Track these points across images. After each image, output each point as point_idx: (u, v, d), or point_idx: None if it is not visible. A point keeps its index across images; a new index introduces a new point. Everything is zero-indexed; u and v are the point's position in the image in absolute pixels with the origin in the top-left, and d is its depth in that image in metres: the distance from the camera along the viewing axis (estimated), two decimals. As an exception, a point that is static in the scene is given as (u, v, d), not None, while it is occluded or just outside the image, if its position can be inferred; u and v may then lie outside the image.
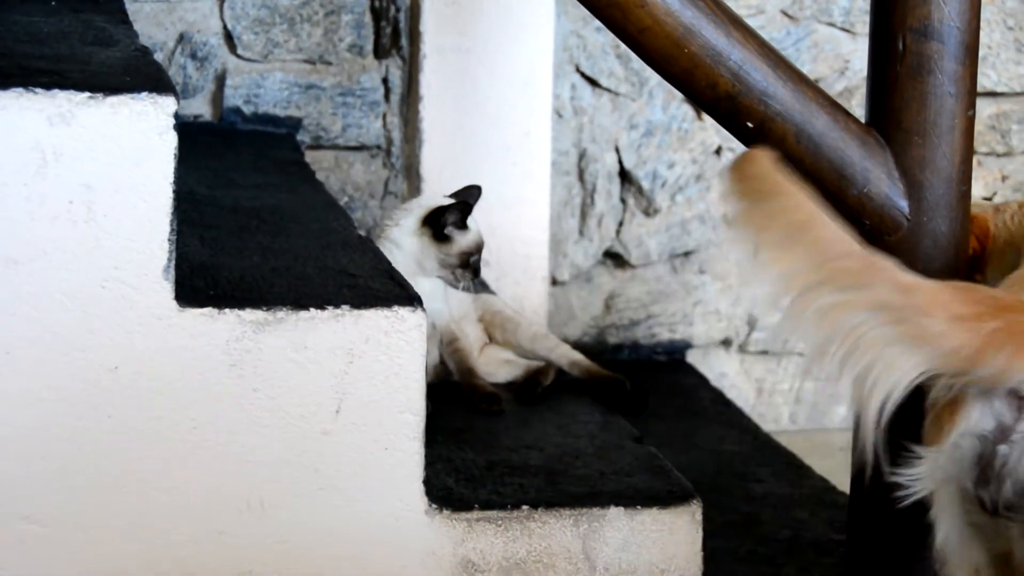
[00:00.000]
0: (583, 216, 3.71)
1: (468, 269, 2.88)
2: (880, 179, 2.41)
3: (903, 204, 2.42)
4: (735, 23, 2.37)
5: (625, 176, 3.71)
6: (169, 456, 2.32)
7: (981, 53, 3.63)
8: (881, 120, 2.43)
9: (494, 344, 3.04)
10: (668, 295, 3.72)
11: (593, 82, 3.65)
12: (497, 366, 2.99)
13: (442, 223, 2.84)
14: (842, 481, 2.82)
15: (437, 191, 3.28)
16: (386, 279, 2.49)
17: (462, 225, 2.87)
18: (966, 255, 2.47)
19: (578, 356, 3.02)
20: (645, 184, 3.71)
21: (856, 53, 3.72)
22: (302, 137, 3.54)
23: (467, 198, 2.95)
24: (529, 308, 3.48)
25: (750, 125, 2.39)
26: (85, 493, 2.31)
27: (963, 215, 2.45)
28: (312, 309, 2.34)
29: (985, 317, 2.03)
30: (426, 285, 2.84)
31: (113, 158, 2.25)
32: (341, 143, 3.58)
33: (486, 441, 2.66)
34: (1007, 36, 3.79)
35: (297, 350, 2.33)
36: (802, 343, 2.11)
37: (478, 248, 2.90)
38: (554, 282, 3.67)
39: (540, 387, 2.92)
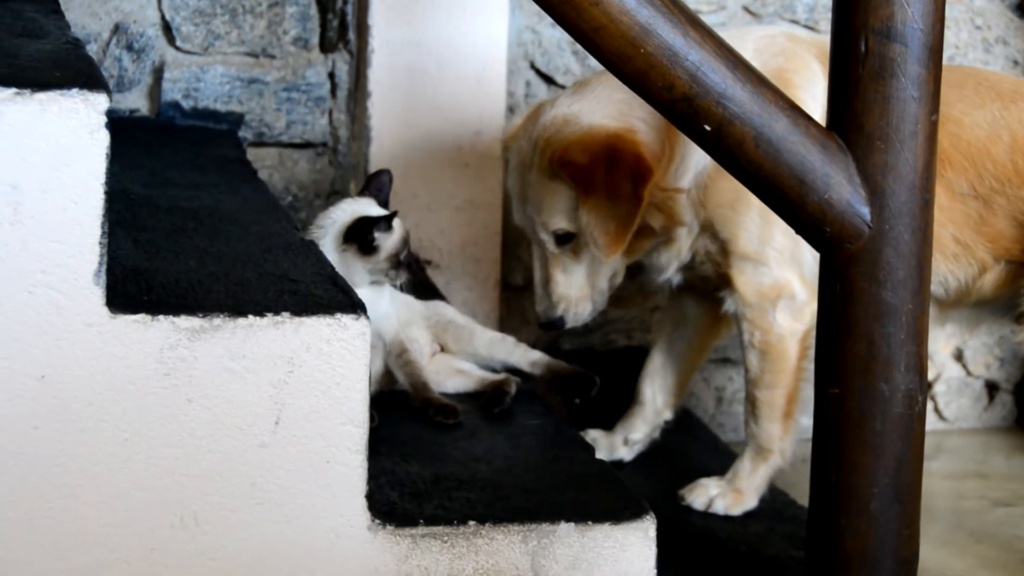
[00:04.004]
0: (538, 217, 3.65)
1: (401, 267, 2.80)
2: (841, 185, 2.39)
3: (865, 211, 2.39)
4: (692, 22, 2.35)
5: (581, 176, 3.66)
6: (98, 470, 2.28)
7: (948, 53, 3.63)
8: (842, 124, 2.40)
9: (445, 352, 2.97)
10: (625, 300, 3.67)
11: (549, 79, 3.62)
12: (448, 375, 2.92)
13: (370, 240, 2.77)
14: (802, 494, 2.78)
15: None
16: (329, 285, 2.46)
17: (387, 229, 2.78)
18: (929, 264, 2.44)
19: (538, 355, 2.98)
20: (601, 184, 3.65)
21: (820, 51, 3.68)
22: (244, 133, 3.50)
23: (378, 187, 2.87)
24: (481, 313, 3.46)
25: (708, 128, 2.36)
26: (8, 508, 2.26)
27: (926, 223, 2.42)
28: (251, 316, 2.30)
29: None
30: (371, 292, 2.78)
31: (41, 157, 2.21)
32: (285, 140, 3.54)
33: (432, 453, 2.63)
34: (975, 36, 3.77)
35: (234, 359, 2.29)
36: None
37: (405, 243, 2.81)
38: (507, 287, 3.61)
39: (507, 397, 2.84)
